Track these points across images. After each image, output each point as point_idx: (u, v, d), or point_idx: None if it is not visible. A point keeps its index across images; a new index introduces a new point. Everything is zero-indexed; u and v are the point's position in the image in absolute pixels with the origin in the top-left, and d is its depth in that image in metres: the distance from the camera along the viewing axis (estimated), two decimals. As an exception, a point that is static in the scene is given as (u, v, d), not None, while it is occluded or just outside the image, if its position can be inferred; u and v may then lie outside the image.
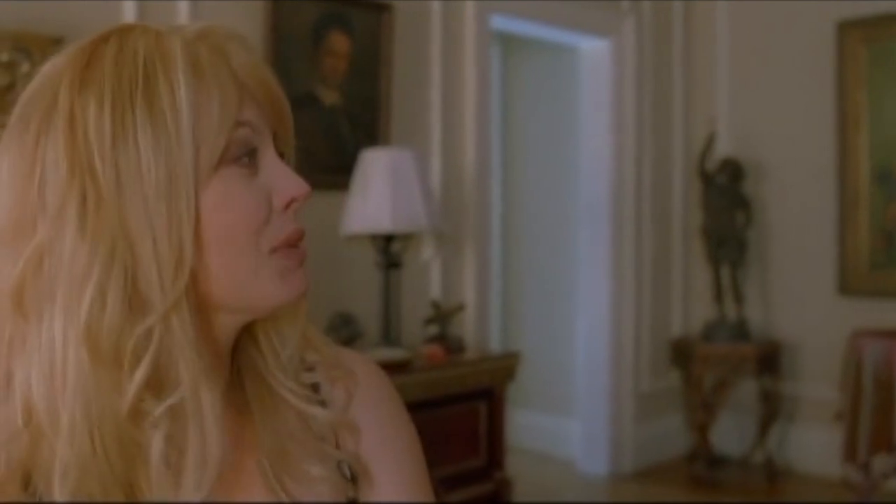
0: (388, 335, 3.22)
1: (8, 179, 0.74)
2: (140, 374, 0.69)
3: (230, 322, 0.79)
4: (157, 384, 0.70)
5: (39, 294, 0.69)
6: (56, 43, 2.63)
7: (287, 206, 0.78)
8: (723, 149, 4.76)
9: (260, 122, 0.77)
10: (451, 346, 3.28)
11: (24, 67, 2.58)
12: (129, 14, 2.83)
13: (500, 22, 4.05)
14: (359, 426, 0.87)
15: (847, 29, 4.40)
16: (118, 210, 0.70)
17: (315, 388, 0.86)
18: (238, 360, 0.84)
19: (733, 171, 4.56)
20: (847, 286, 4.44)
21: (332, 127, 3.33)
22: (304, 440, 0.82)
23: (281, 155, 0.80)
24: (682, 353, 4.63)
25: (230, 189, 0.74)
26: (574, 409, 4.80)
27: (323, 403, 0.85)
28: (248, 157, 0.76)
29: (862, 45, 4.37)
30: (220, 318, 0.78)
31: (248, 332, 0.84)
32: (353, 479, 0.85)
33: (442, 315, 3.39)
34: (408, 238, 3.30)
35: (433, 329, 3.41)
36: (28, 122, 0.76)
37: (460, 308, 3.52)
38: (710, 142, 4.64)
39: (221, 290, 0.75)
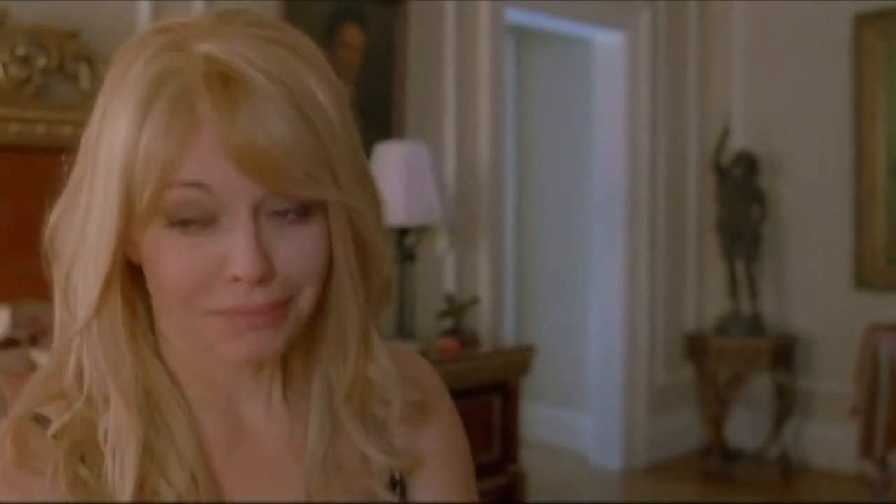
0: (403, 328, 3.22)
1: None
2: (68, 376, 0.74)
3: None
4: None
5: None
6: (72, 38, 2.64)
7: (234, 280, 0.69)
8: (738, 142, 4.74)
9: (227, 185, 0.67)
10: (465, 339, 3.28)
11: (40, 62, 2.59)
12: (144, 10, 2.83)
13: (514, 15, 4.04)
14: (420, 460, 0.85)
15: (864, 22, 4.37)
16: (84, 210, 0.73)
17: (383, 427, 0.83)
18: (311, 370, 0.81)
19: (748, 164, 4.54)
20: (863, 280, 4.41)
21: (346, 120, 3.33)
22: (351, 474, 0.80)
23: (284, 213, 0.70)
24: (696, 348, 4.62)
25: (156, 249, 0.70)
26: (588, 402, 4.79)
27: (388, 444, 0.82)
28: (192, 223, 0.68)
29: (879, 38, 4.34)
30: None
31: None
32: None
33: (456, 308, 3.39)
34: (422, 231, 3.30)
35: (447, 322, 3.42)
36: None
37: (474, 301, 3.52)
38: (724, 135, 4.62)
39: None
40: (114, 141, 0.68)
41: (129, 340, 0.74)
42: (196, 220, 0.68)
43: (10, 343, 2.32)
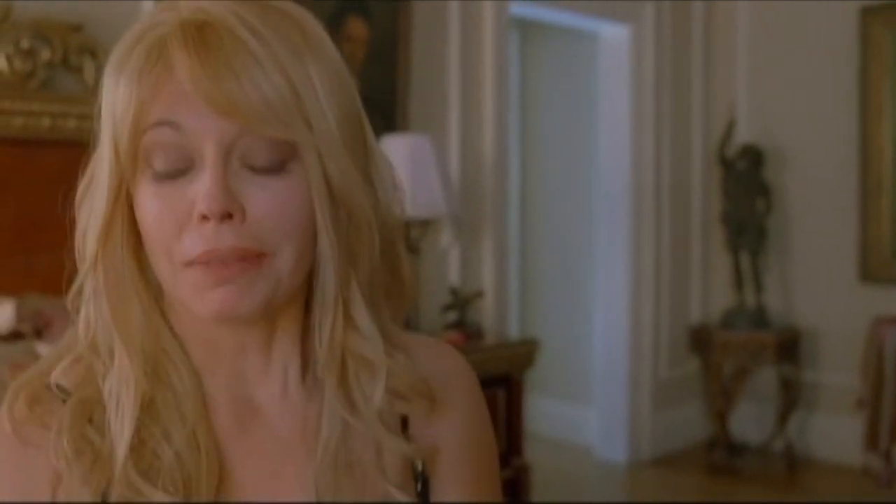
0: (407, 321, 3.22)
1: None
2: (81, 322, 0.77)
3: None
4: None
5: None
6: (76, 31, 2.64)
7: (201, 220, 0.69)
8: (743, 135, 4.73)
9: (196, 123, 0.69)
10: (469, 332, 3.28)
11: (45, 55, 2.59)
12: (148, 2, 2.82)
13: (518, 8, 4.03)
14: (438, 449, 0.83)
15: (871, 14, 4.35)
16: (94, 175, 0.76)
17: (405, 421, 0.81)
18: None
19: (753, 157, 4.53)
20: (868, 273, 4.40)
21: (350, 114, 3.33)
22: (364, 473, 0.78)
23: (252, 167, 0.70)
24: (701, 341, 4.61)
25: (140, 197, 0.72)
26: (592, 396, 4.79)
27: (407, 437, 0.81)
28: (168, 171, 0.70)
29: (886, 30, 4.32)
30: None
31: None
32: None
33: (460, 301, 3.39)
34: (426, 224, 3.30)
35: (451, 315, 3.42)
36: None
37: (479, 295, 3.52)
38: (729, 128, 4.61)
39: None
40: (103, 100, 0.72)
41: (138, 299, 0.75)
42: (171, 168, 0.70)
43: (15, 336, 2.32)
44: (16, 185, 2.51)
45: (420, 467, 0.81)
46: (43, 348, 2.25)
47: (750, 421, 4.69)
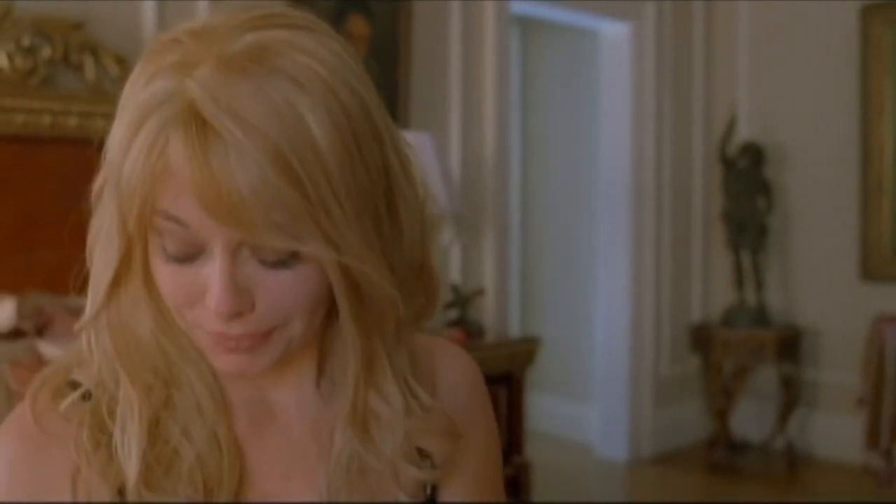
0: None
1: None
2: (84, 348, 0.77)
3: None
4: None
5: None
6: (76, 28, 2.64)
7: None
8: (744, 133, 4.73)
9: (199, 225, 0.66)
10: (470, 330, 3.28)
11: (45, 53, 2.59)
12: (148, 2, 2.83)
13: (519, 6, 4.03)
14: (453, 467, 0.83)
15: (871, 12, 4.35)
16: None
17: (422, 453, 0.82)
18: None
19: (754, 155, 4.53)
20: (869, 271, 4.40)
21: (351, 111, 3.33)
22: (376, 480, 0.79)
23: (262, 261, 0.68)
24: (701, 339, 4.61)
25: (153, 262, 0.71)
26: (593, 394, 4.80)
27: (423, 457, 0.81)
28: (177, 255, 0.69)
29: (887, 28, 4.32)
30: None
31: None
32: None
33: (461, 299, 3.39)
34: (427, 223, 3.29)
35: (452, 313, 3.42)
36: None
37: (480, 292, 3.52)
38: (731, 126, 4.61)
39: None
40: (110, 152, 0.70)
41: (151, 323, 0.75)
42: (181, 253, 0.69)
43: (16, 334, 2.32)
44: (16, 183, 2.51)
45: (429, 489, 0.83)
46: (44, 346, 2.25)
47: (750, 419, 4.69)
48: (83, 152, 0.78)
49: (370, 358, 0.76)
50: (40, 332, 2.34)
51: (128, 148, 0.67)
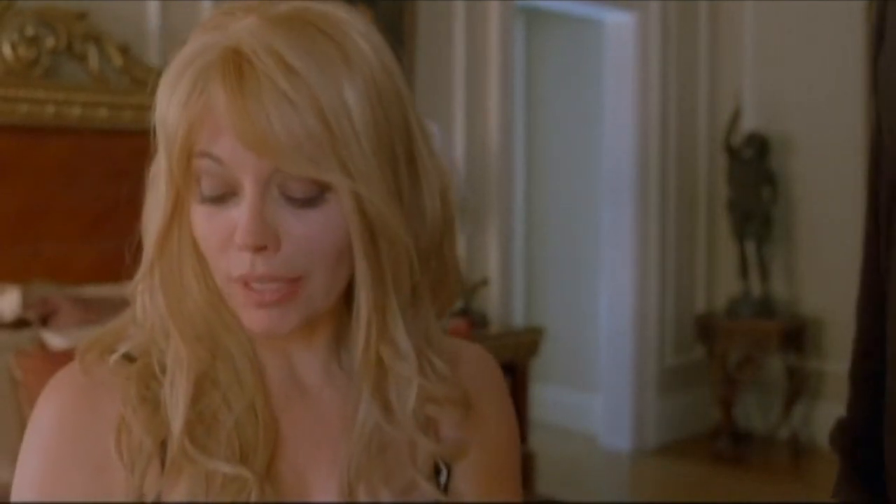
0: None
1: None
2: (138, 310, 0.81)
3: None
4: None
5: None
6: (80, 18, 2.64)
7: (239, 247, 0.74)
8: (748, 123, 4.71)
9: (234, 159, 0.72)
10: (474, 320, 3.28)
11: (49, 42, 2.59)
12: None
13: (524, -5, 4.02)
14: (466, 451, 0.87)
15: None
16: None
17: (435, 425, 0.85)
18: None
19: (759, 145, 4.52)
20: (874, 262, 4.39)
21: (355, 101, 3.33)
22: (396, 459, 0.82)
23: (289, 198, 0.74)
24: (706, 329, 4.61)
25: (192, 212, 0.76)
26: (597, 384, 4.80)
27: (437, 436, 0.85)
28: (213, 195, 0.74)
29: (892, 17, 4.29)
30: None
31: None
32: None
33: (466, 289, 3.39)
34: (431, 213, 3.29)
35: (457, 303, 3.41)
36: None
37: (484, 283, 3.52)
38: (735, 116, 4.60)
39: None
40: (157, 112, 0.75)
41: (197, 288, 0.79)
42: (215, 194, 0.74)
43: (21, 323, 2.32)
44: (20, 173, 2.51)
45: (442, 466, 0.85)
46: (49, 336, 2.25)
47: (755, 409, 4.69)
48: (86, 142, 0.80)
49: (383, 308, 0.78)
50: (45, 321, 2.34)
51: (171, 95, 0.73)
